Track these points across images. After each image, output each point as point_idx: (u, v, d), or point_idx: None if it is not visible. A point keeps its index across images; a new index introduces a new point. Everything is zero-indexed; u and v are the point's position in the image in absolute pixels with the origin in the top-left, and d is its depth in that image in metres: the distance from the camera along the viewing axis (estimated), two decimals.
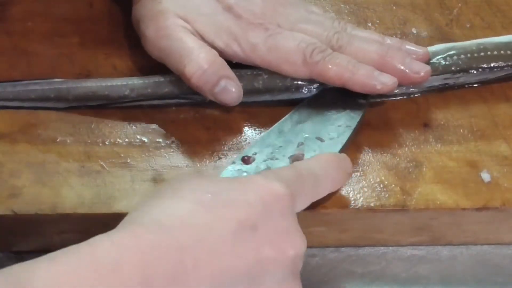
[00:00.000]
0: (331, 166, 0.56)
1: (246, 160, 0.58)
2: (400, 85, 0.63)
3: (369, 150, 0.62)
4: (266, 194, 0.48)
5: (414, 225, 0.60)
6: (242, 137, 0.63)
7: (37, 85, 0.64)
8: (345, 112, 0.62)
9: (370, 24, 0.72)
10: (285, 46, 0.62)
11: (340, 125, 0.61)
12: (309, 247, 0.60)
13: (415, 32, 0.71)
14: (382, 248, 0.62)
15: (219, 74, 0.61)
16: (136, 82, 0.64)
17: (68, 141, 0.62)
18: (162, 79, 0.64)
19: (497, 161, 0.61)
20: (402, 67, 0.63)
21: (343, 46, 0.64)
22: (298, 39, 0.63)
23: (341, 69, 0.62)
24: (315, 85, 0.64)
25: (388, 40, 0.65)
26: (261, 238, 0.47)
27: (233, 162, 0.58)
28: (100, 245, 0.44)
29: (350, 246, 0.61)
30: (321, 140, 0.60)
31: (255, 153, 0.58)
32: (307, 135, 0.60)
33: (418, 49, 0.65)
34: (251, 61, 0.63)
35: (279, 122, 0.61)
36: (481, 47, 0.66)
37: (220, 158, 0.61)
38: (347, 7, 0.73)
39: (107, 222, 0.58)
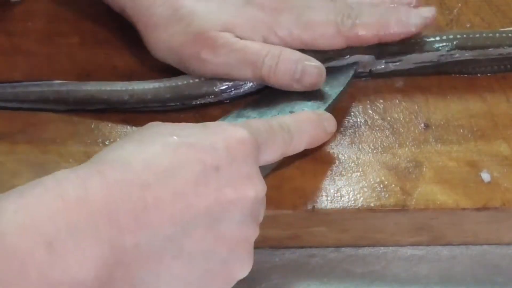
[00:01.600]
0: (308, 122, 0.57)
1: None
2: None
3: (369, 150, 0.62)
4: (230, 139, 0.49)
5: (414, 225, 0.60)
6: None
7: (36, 87, 0.64)
8: (323, 86, 0.63)
9: None
10: (317, 22, 0.63)
11: (316, 100, 0.62)
12: (309, 247, 0.61)
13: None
14: (382, 248, 0.62)
15: (294, 59, 0.62)
16: (136, 87, 0.64)
17: (68, 141, 0.62)
18: (162, 85, 0.64)
19: (497, 161, 0.61)
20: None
21: (356, 9, 0.65)
22: (325, 12, 0.64)
23: (373, 27, 0.64)
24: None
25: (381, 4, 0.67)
26: (223, 180, 0.48)
27: None
28: (66, 179, 0.45)
29: (350, 246, 0.61)
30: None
31: None
32: (280, 110, 0.61)
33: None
34: (289, 46, 0.63)
35: (256, 99, 0.62)
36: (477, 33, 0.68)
37: None
38: None
39: None
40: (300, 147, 0.57)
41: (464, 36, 0.67)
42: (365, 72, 0.66)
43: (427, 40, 0.66)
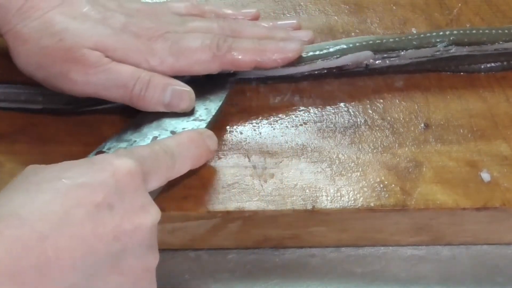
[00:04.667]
0: (190, 144, 0.57)
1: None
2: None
3: (369, 150, 0.62)
4: (119, 173, 0.49)
5: (414, 225, 0.60)
6: (241, 137, 0.63)
7: (25, 88, 0.64)
8: (201, 103, 0.63)
9: (370, 24, 0.72)
10: (191, 48, 0.63)
11: (196, 118, 0.62)
12: (309, 247, 0.61)
13: (415, 32, 0.71)
14: (382, 248, 0.61)
15: (163, 84, 0.62)
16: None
17: (68, 141, 0.62)
18: None
19: (497, 161, 0.61)
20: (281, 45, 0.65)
21: (236, 31, 0.65)
22: (200, 38, 0.63)
23: (250, 51, 0.63)
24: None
25: (262, 23, 0.69)
26: (118, 216, 0.48)
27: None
28: None
29: (350, 246, 0.61)
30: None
31: (109, 148, 0.59)
32: (162, 130, 0.60)
33: (290, 21, 0.69)
34: (163, 73, 0.63)
35: (137, 117, 0.62)
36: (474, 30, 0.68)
37: (220, 158, 0.61)
38: (347, 7, 0.74)
39: None
40: (184, 169, 0.56)
41: (461, 32, 0.67)
42: (361, 67, 0.66)
43: (424, 35, 0.66)
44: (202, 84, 0.63)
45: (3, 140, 0.62)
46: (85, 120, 0.64)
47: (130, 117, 0.63)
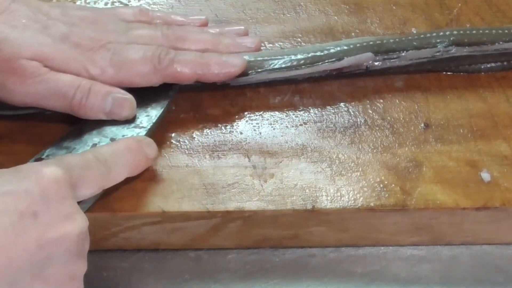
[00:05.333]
0: (127, 151, 0.57)
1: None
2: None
3: (369, 150, 0.62)
4: (44, 181, 0.48)
5: (414, 225, 0.60)
6: (242, 137, 0.63)
7: None
8: (143, 109, 0.62)
9: (370, 24, 0.72)
10: (132, 60, 0.62)
11: (137, 125, 0.61)
12: (309, 247, 0.61)
13: (415, 32, 0.71)
14: (382, 248, 0.62)
15: (103, 92, 0.61)
16: None
17: None
18: None
19: (497, 160, 0.61)
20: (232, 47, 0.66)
21: (180, 39, 0.65)
22: (142, 49, 0.63)
23: (192, 65, 0.63)
24: None
25: (210, 29, 0.68)
26: (42, 225, 0.47)
27: None
28: None
29: (350, 246, 0.61)
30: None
31: (48, 155, 0.58)
32: (102, 137, 0.60)
33: (237, 27, 0.69)
34: (105, 83, 0.62)
35: (78, 124, 0.61)
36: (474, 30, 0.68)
37: (220, 158, 0.61)
38: (347, 7, 0.73)
39: (106, 222, 0.59)
40: (120, 177, 0.56)
41: (461, 32, 0.67)
42: (361, 69, 0.66)
43: (424, 36, 0.66)
44: (145, 91, 0.63)
45: (3, 140, 0.62)
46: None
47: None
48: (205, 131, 0.63)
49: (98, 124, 0.61)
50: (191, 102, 0.65)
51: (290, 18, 0.72)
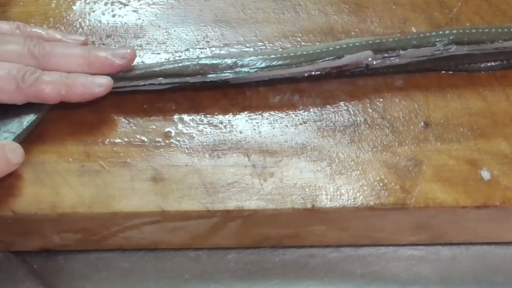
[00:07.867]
0: None
1: None
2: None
3: (369, 149, 0.62)
4: None
5: (414, 223, 0.60)
6: (241, 136, 0.63)
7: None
8: (16, 114, 0.62)
9: (370, 24, 0.72)
10: None
11: (7, 129, 0.61)
12: (309, 246, 0.61)
13: (415, 31, 0.71)
14: (382, 248, 0.62)
15: None
16: None
17: (68, 141, 0.62)
18: None
19: (497, 159, 0.61)
20: (108, 59, 0.64)
21: (47, 55, 0.63)
22: (7, 68, 0.61)
23: (56, 85, 0.62)
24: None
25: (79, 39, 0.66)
26: None
27: None
28: None
29: (350, 245, 0.61)
30: None
31: None
32: None
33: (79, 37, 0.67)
34: None
35: None
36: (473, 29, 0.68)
37: (219, 157, 0.61)
38: (347, 7, 0.73)
39: (106, 221, 0.59)
40: None
41: (460, 31, 0.67)
42: (361, 67, 0.66)
43: (424, 35, 0.66)
44: None
45: None
46: (85, 120, 0.64)
47: (131, 116, 0.63)
48: (204, 130, 0.63)
49: None
50: (191, 101, 0.65)
51: (290, 18, 0.72)
